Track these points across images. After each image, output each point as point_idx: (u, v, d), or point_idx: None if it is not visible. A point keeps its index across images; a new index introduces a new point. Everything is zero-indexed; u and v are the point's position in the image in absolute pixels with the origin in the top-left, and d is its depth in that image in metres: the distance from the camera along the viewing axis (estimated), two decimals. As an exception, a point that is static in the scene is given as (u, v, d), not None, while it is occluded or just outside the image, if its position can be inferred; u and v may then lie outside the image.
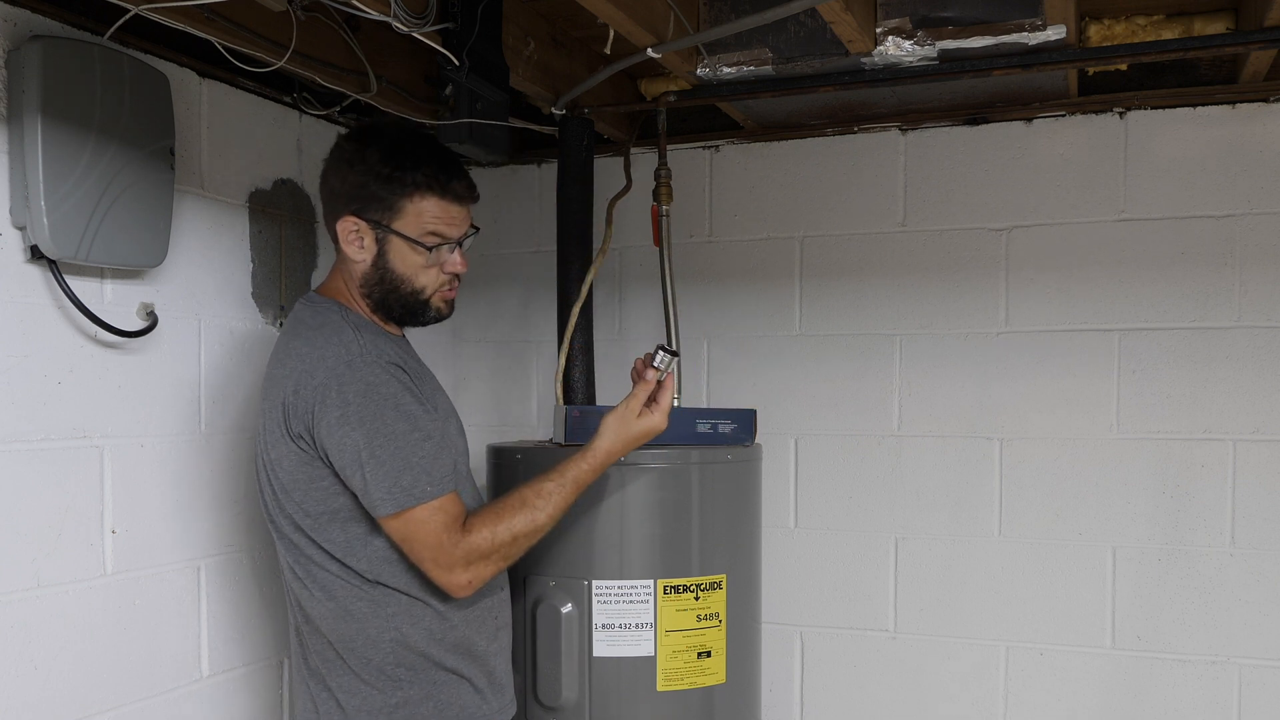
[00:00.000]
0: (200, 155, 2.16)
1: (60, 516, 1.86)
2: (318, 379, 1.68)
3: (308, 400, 1.68)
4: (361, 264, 1.79)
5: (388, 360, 1.72)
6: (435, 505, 1.69)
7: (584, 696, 2.08)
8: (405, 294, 1.81)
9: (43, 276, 1.81)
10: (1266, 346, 2.39)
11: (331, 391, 1.67)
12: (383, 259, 1.78)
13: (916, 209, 2.64)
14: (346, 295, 1.84)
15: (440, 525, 1.69)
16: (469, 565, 1.70)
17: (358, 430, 1.66)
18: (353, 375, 1.68)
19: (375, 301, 1.83)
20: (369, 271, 1.80)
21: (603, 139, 2.64)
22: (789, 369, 2.74)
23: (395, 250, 1.78)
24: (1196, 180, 2.43)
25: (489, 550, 1.72)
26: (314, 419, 1.68)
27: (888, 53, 2.17)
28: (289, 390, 1.70)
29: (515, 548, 1.76)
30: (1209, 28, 2.15)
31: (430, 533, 1.68)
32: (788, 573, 2.74)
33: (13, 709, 1.78)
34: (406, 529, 1.69)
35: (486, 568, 1.73)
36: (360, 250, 1.78)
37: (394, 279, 1.80)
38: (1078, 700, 2.53)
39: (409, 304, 1.83)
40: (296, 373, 1.70)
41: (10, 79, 1.74)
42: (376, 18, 1.76)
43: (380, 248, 1.78)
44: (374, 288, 1.81)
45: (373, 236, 1.77)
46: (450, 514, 1.71)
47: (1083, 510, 2.51)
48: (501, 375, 3.04)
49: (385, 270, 1.79)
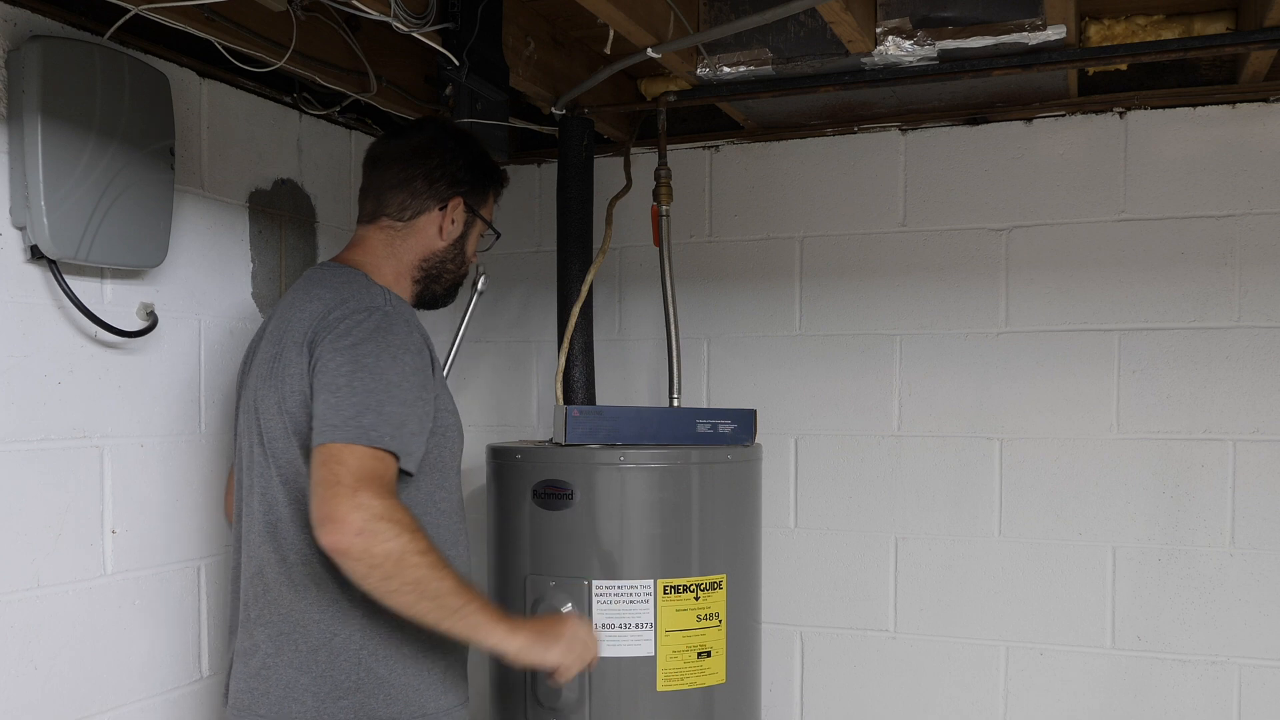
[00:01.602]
0: (200, 155, 2.16)
1: (60, 516, 1.86)
2: (336, 314, 1.68)
3: (322, 332, 1.67)
4: (442, 243, 1.89)
5: (408, 320, 1.73)
6: (376, 454, 1.58)
7: (584, 696, 2.08)
8: (460, 275, 1.96)
9: (43, 276, 1.81)
10: (1266, 346, 2.39)
11: (344, 322, 1.67)
12: (462, 240, 1.92)
13: (916, 209, 2.64)
14: (377, 270, 1.84)
15: (372, 469, 1.57)
16: (372, 519, 1.53)
17: (345, 357, 1.63)
18: (371, 318, 1.68)
19: (427, 276, 1.90)
20: (443, 249, 1.89)
21: (603, 139, 2.64)
22: (789, 369, 2.74)
23: (473, 234, 1.95)
24: (1196, 180, 2.43)
25: (400, 532, 1.55)
26: (318, 347, 1.66)
27: (888, 53, 2.17)
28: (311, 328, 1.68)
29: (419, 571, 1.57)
30: (1209, 28, 2.15)
31: (359, 462, 1.56)
32: (788, 573, 2.74)
33: (13, 709, 1.78)
34: (339, 453, 1.56)
35: (384, 535, 1.53)
36: (452, 229, 1.89)
37: (461, 260, 1.94)
38: (1077, 700, 2.53)
39: (454, 284, 1.96)
40: (320, 312, 1.70)
41: (10, 79, 1.74)
42: (376, 18, 1.76)
43: (465, 230, 1.91)
44: (436, 265, 1.90)
45: (464, 219, 1.90)
46: (390, 471, 1.60)
47: (1083, 510, 2.51)
48: (501, 375, 3.04)
49: (459, 250, 1.92)
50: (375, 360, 1.64)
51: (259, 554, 1.74)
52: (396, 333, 1.68)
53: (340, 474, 1.56)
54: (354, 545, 1.53)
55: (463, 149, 1.91)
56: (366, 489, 1.55)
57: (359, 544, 1.53)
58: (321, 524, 1.55)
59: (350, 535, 1.53)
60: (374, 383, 1.62)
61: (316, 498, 1.57)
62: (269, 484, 1.73)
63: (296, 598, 1.70)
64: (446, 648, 1.78)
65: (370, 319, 1.68)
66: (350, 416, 1.59)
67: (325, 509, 1.55)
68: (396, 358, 1.66)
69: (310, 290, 1.77)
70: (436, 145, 1.89)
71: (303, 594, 1.69)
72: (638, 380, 2.87)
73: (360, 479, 1.56)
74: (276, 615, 1.72)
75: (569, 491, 2.09)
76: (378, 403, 1.61)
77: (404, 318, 1.72)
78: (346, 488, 1.55)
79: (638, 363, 2.87)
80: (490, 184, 1.96)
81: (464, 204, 1.89)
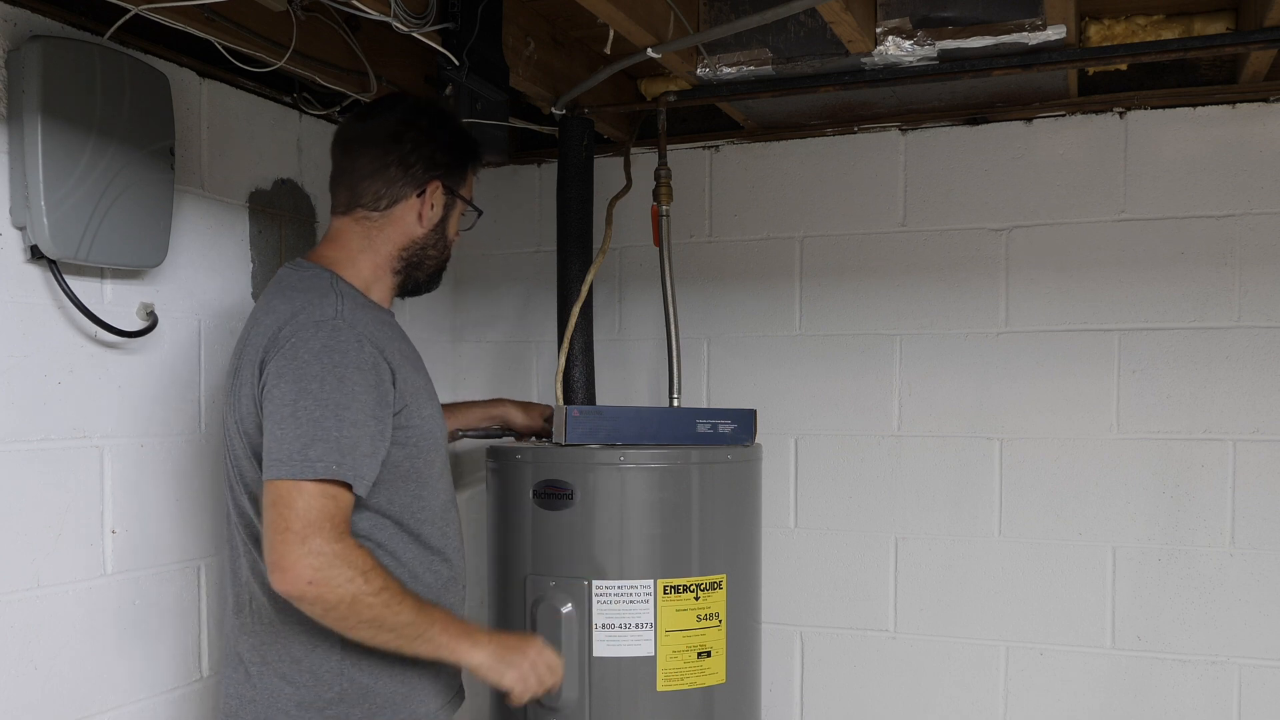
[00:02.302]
0: (200, 155, 2.16)
1: (60, 516, 1.86)
2: (285, 331, 1.63)
3: (275, 345, 1.63)
4: (423, 229, 1.82)
5: (360, 333, 1.65)
6: (330, 490, 1.55)
7: (584, 696, 2.08)
8: (443, 259, 1.89)
9: (43, 276, 1.81)
10: (1266, 346, 2.39)
11: (288, 343, 1.61)
12: (442, 223, 1.85)
13: (916, 209, 2.64)
14: (349, 264, 1.78)
15: (321, 507, 1.54)
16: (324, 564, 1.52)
17: (291, 385, 1.58)
18: (316, 334, 1.61)
19: (407, 264, 1.83)
20: (424, 237, 1.83)
21: (603, 139, 2.64)
22: (789, 369, 2.74)
23: (455, 215, 1.88)
24: (1196, 180, 2.43)
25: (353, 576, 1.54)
26: (268, 360, 1.63)
27: (888, 53, 2.17)
28: (263, 347, 1.65)
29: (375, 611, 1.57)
30: (1209, 28, 2.15)
31: (306, 504, 1.53)
32: (788, 573, 2.74)
33: (13, 709, 1.78)
34: (287, 495, 1.54)
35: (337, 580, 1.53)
36: (431, 214, 1.82)
37: (444, 244, 1.87)
38: (1077, 700, 2.53)
39: (437, 269, 1.89)
40: (272, 329, 1.65)
41: (10, 79, 1.74)
42: (376, 18, 1.76)
43: (445, 213, 1.85)
44: (418, 252, 1.83)
45: (442, 201, 1.84)
46: (341, 506, 1.57)
47: (1083, 510, 2.51)
48: (501, 375, 3.04)
49: (440, 235, 1.85)
50: (320, 385, 1.58)
51: (244, 561, 1.74)
52: (344, 350, 1.61)
53: (289, 519, 1.53)
54: (306, 592, 1.53)
55: (437, 127, 1.83)
56: (316, 534, 1.53)
57: (311, 591, 1.53)
58: (273, 570, 1.54)
59: (302, 584, 1.53)
60: (319, 410, 1.57)
61: (267, 542, 1.55)
62: (240, 500, 1.72)
63: (278, 608, 1.68)
64: None
65: (317, 336, 1.61)
66: (296, 450, 1.55)
67: (275, 555, 1.53)
68: (344, 378, 1.59)
69: (270, 301, 1.72)
70: (409, 127, 1.81)
71: (284, 605, 1.65)
72: (638, 380, 2.87)
73: (309, 524, 1.53)
74: (260, 625, 1.71)
75: (569, 491, 2.08)
76: (324, 431, 1.56)
77: (356, 331, 1.64)
78: (296, 535, 1.52)
79: (638, 363, 2.87)
80: (468, 161, 1.88)
81: (442, 187, 1.83)
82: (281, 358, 1.61)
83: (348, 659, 1.67)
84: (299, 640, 1.68)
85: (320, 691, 1.67)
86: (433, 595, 1.74)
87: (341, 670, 1.68)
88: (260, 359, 1.65)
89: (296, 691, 1.68)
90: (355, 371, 1.61)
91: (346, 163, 1.82)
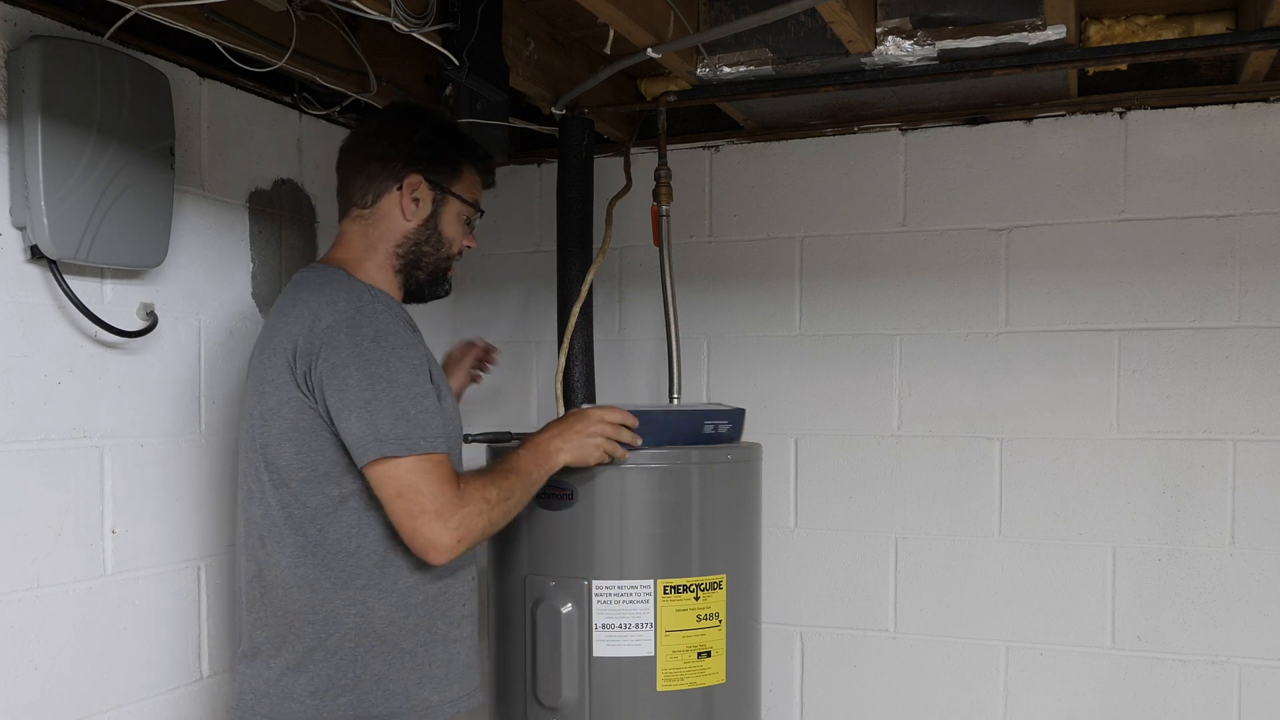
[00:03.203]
0: (200, 155, 2.16)
1: (60, 516, 1.86)
2: (325, 322, 1.67)
3: (316, 342, 1.66)
4: (410, 224, 1.83)
5: (397, 314, 1.73)
6: (430, 459, 1.66)
7: (584, 696, 2.08)
8: (441, 259, 1.88)
9: (43, 276, 1.81)
10: (1266, 346, 2.39)
11: (341, 333, 1.66)
12: (434, 220, 1.85)
13: (916, 209, 2.64)
14: (358, 264, 1.82)
15: (438, 477, 1.66)
16: (462, 522, 1.67)
17: (360, 372, 1.64)
18: (363, 319, 1.67)
19: (405, 264, 1.85)
20: (414, 232, 1.84)
21: (603, 139, 2.64)
22: (789, 369, 2.74)
23: (448, 213, 1.86)
24: (1196, 180, 2.43)
25: (481, 508, 1.70)
26: (318, 359, 1.66)
27: (888, 53, 2.17)
28: (299, 335, 1.68)
29: (504, 509, 1.75)
30: (1209, 28, 2.15)
31: (428, 483, 1.65)
32: (788, 573, 2.74)
33: (13, 709, 1.78)
34: (398, 477, 1.65)
35: (475, 523, 1.69)
36: (415, 209, 1.82)
37: (437, 242, 1.86)
38: (1077, 700, 2.52)
39: (437, 271, 1.89)
40: (307, 318, 1.69)
41: (10, 79, 1.74)
42: (376, 18, 1.76)
43: (435, 209, 1.84)
44: (412, 250, 1.84)
45: (430, 198, 1.83)
46: (446, 468, 1.69)
47: (1083, 510, 2.51)
48: (501, 375, 3.03)
49: (433, 232, 1.85)
50: (385, 367, 1.66)
51: (256, 558, 1.76)
52: (395, 331, 1.69)
53: (422, 503, 1.65)
54: (459, 549, 1.69)
55: (421, 124, 1.85)
56: (447, 503, 1.66)
57: (462, 547, 1.69)
58: (427, 552, 1.67)
59: (455, 550, 1.68)
60: (391, 389, 1.65)
61: (409, 529, 1.67)
62: (263, 489, 1.74)
63: (291, 600, 1.71)
64: (451, 639, 1.81)
65: (363, 322, 1.67)
66: (387, 431, 1.64)
67: (422, 541, 1.66)
68: (399, 355, 1.68)
69: (296, 295, 1.76)
70: (390, 125, 1.85)
71: (296, 595, 1.71)
72: (638, 380, 2.87)
73: (438, 500, 1.65)
74: (273, 618, 1.73)
75: (569, 491, 2.08)
76: (401, 409, 1.65)
77: (380, 308, 1.71)
78: (430, 514, 1.65)
79: (638, 363, 2.87)
80: (460, 157, 1.87)
81: (426, 181, 1.83)
82: (339, 348, 1.66)
83: (362, 644, 1.70)
84: (312, 629, 1.70)
85: (334, 678, 1.70)
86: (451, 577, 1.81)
87: (355, 657, 1.70)
88: (294, 348, 1.69)
89: (310, 680, 1.70)
90: (407, 348, 1.70)
91: (340, 167, 1.89)
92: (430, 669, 1.77)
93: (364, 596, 1.71)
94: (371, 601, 1.71)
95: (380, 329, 1.67)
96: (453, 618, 1.82)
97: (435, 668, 1.78)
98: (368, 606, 1.71)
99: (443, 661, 1.79)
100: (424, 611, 1.76)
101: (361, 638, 1.71)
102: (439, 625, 1.79)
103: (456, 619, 1.83)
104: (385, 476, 1.66)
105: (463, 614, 1.85)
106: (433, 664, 1.77)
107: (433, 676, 1.77)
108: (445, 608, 1.81)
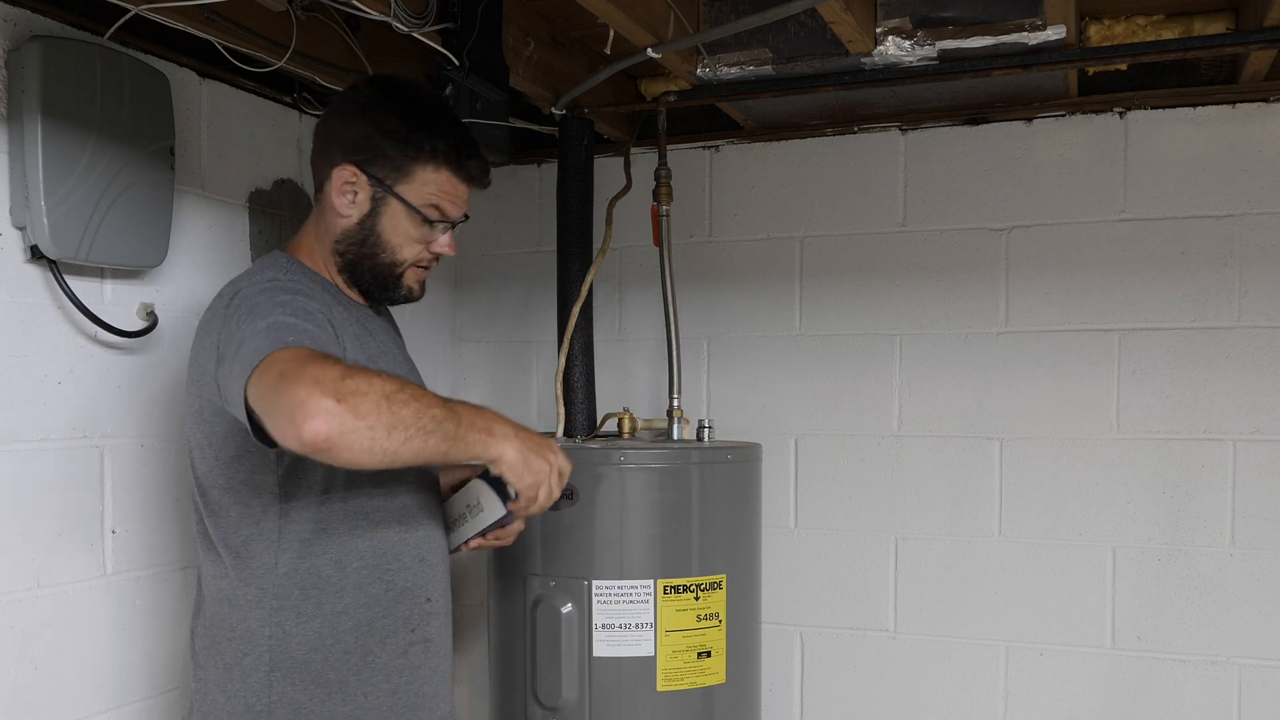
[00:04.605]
0: (200, 155, 2.16)
1: (60, 516, 1.86)
2: (227, 296, 1.54)
3: (216, 316, 1.53)
4: (346, 220, 1.63)
5: (300, 288, 1.54)
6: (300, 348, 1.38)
7: (584, 696, 2.08)
8: (382, 263, 1.65)
9: (43, 276, 1.81)
10: (1266, 346, 2.39)
11: (231, 302, 1.51)
12: (372, 220, 1.63)
13: (916, 209, 2.64)
14: (309, 251, 1.68)
15: (308, 355, 1.36)
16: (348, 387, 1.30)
17: (233, 324, 1.45)
18: (254, 290, 1.51)
19: (347, 263, 1.66)
20: (352, 229, 1.64)
21: (603, 139, 2.64)
22: (789, 369, 2.74)
23: (390, 215, 1.63)
24: (1196, 180, 2.43)
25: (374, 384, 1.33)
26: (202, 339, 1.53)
27: (888, 53, 2.17)
28: (211, 312, 1.57)
29: (409, 411, 1.35)
30: (1209, 28, 2.15)
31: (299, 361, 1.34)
32: (788, 573, 2.74)
33: (13, 709, 1.78)
34: (268, 376, 1.34)
35: (366, 397, 1.31)
36: (350, 205, 1.62)
37: (376, 244, 1.64)
38: (1077, 700, 2.52)
39: (381, 275, 1.67)
40: (220, 299, 1.57)
41: (10, 79, 1.74)
42: (376, 18, 1.76)
43: (374, 208, 1.63)
44: (351, 248, 1.65)
45: (369, 194, 1.62)
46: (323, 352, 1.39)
47: (1083, 510, 2.51)
48: (501, 375, 3.04)
49: (371, 233, 1.63)
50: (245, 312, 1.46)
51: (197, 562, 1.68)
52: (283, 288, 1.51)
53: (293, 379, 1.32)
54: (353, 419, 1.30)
55: (378, 109, 1.62)
56: (324, 371, 1.32)
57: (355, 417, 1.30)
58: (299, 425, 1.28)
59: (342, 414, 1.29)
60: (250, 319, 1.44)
61: (271, 415, 1.33)
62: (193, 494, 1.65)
63: (213, 612, 1.61)
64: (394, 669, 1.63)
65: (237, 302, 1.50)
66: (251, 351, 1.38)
67: (285, 411, 1.30)
68: (280, 301, 1.48)
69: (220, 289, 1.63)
70: (346, 102, 1.67)
71: (218, 610, 1.59)
72: (638, 380, 2.87)
73: (314, 369, 1.32)
74: (204, 628, 1.64)
75: (569, 491, 2.08)
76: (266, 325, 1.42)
77: (296, 285, 1.54)
78: (308, 381, 1.30)
79: (638, 363, 2.87)
80: (415, 154, 1.61)
81: (365, 176, 1.61)
82: (225, 318, 1.50)
83: (277, 669, 1.56)
84: (231, 647, 1.58)
85: (250, 702, 1.56)
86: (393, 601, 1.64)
87: (270, 683, 1.56)
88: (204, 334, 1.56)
89: (229, 701, 1.57)
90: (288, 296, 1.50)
91: None
92: (367, 701, 1.59)
93: (280, 619, 1.56)
94: (289, 625, 1.56)
95: (269, 288, 1.50)
96: (396, 645, 1.63)
97: (375, 699, 1.60)
98: (284, 630, 1.56)
99: (384, 694, 1.61)
100: (355, 638, 1.59)
101: (277, 662, 1.55)
102: (377, 654, 1.60)
103: (401, 647, 1.63)
104: (257, 393, 1.36)
105: (410, 641, 1.64)
106: (370, 695, 1.60)
107: (371, 710, 1.60)
108: (385, 634, 1.61)
